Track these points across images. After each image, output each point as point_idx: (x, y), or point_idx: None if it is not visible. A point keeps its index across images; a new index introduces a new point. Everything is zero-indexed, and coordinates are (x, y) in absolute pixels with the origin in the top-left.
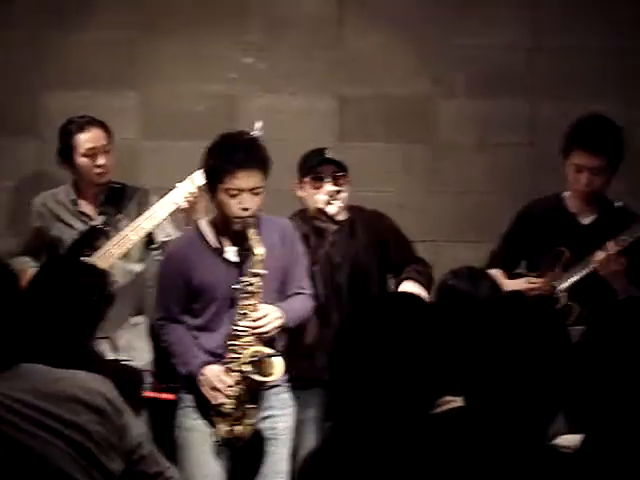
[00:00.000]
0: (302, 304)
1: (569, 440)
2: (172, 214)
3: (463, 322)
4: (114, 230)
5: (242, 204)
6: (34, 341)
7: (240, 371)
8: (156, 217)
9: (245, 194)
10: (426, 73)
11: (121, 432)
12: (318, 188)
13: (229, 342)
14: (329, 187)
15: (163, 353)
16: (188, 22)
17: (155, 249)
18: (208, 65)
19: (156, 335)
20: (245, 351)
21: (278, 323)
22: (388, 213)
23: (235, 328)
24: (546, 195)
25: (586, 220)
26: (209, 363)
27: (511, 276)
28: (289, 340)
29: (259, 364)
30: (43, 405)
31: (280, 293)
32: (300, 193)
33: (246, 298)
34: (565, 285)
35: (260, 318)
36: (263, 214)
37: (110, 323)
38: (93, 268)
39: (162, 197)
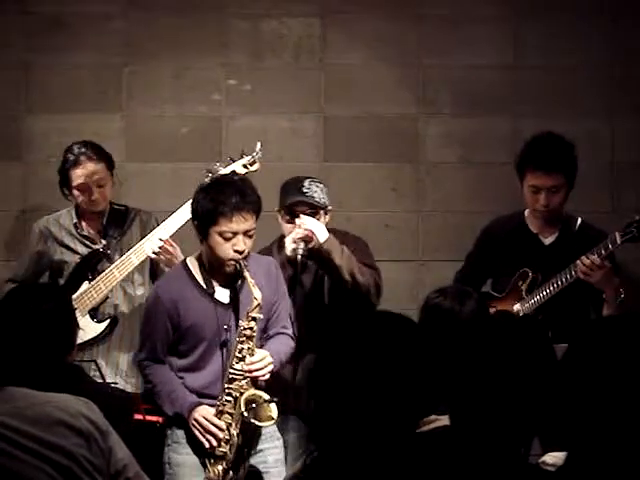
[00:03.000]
0: (287, 346)
1: (556, 457)
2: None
3: (448, 340)
4: (117, 253)
5: (236, 246)
6: (13, 365)
7: (237, 414)
8: (157, 241)
9: (239, 236)
10: (410, 92)
11: (106, 455)
12: (291, 223)
13: (225, 385)
14: (298, 230)
15: None
16: (172, 44)
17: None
18: (192, 87)
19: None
20: (242, 395)
21: (272, 367)
22: (374, 233)
23: (231, 371)
24: (507, 214)
25: (548, 240)
26: (197, 403)
27: None
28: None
29: (256, 409)
30: (29, 429)
31: (264, 332)
32: (280, 221)
33: (243, 342)
34: (529, 305)
35: (258, 362)
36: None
37: (113, 346)
38: (54, 292)
39: (163, 220)
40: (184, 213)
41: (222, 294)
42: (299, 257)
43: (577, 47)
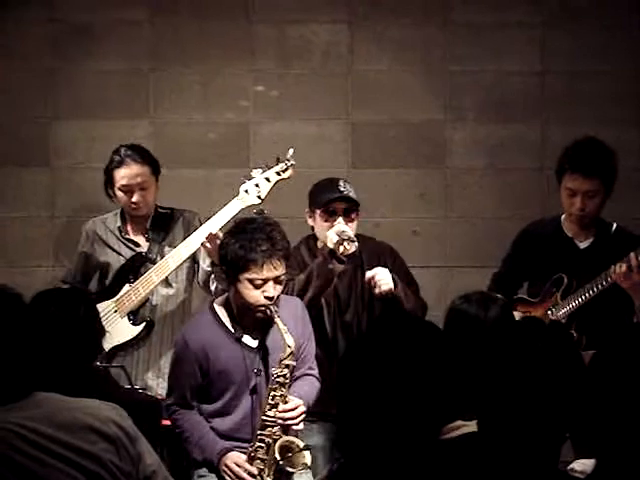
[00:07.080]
0: (314, 388)
1: (585, 465)
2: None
3: (473, 346)
4: (159, 256)
5: (266, 293)
6: (42, 370)
7: (269, 461)
8: (193, 245)
9: (269, 283)
10: (437, 99)
11: (135, 460)
12: (329, 222)
13: (257, 431)
14: (341, 226)
15: None
16: (199, 51)
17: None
18: (220, 93)
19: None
20: (275, 442)
21: (304, 415)
22: (401, 239)
23: (264, 418)
24: (544, 218)
25: (583, 244)
26: (227, 449)
27: (512, 301)
28: None
29: (290, 456)
30: (57, 434)
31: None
32: (310, 222)
33: (276, 389)
34: (563, 311)
35: (292, 409)
36: None
37: (154, 349)
38: (79, 297)
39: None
40: (230, 210)
41: (251, 338)
42: (350, 251)
43: (605, 53)
